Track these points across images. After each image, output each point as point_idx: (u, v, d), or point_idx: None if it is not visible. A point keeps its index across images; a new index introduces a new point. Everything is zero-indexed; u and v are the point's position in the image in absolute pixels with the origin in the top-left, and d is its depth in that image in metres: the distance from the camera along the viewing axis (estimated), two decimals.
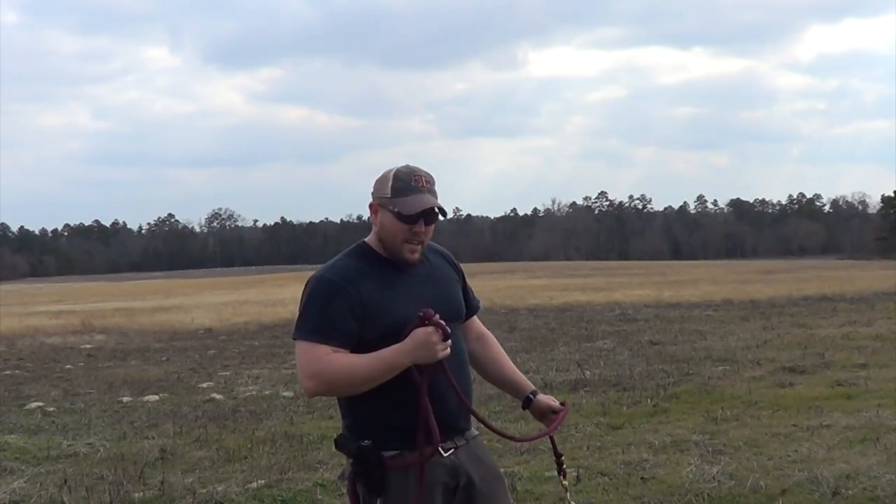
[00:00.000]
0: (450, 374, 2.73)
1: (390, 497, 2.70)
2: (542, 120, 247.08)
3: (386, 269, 2.76)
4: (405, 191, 2.72)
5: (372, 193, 2.79)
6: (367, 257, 2.79)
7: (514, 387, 3.10)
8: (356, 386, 2.67)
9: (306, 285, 2.77)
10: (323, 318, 2.68)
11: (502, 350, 3.14)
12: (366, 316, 2.68)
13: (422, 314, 2.62)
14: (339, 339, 2.66)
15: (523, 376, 3.12)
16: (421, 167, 2.78)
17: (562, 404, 3.05)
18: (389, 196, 2.72)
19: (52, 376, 13.73)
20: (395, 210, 2.71)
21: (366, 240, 2.86)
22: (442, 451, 2.75)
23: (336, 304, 2.67)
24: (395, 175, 2.74)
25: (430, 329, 2.60)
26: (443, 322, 2.62)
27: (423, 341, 2.61)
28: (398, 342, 2.64)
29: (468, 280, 3.07)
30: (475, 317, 3.07)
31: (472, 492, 2.81)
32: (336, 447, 2.82)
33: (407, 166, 2.77)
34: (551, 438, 3.05)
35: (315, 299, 2.71)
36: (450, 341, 2.64)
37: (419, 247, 2.78)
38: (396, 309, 2.69)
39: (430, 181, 2.77)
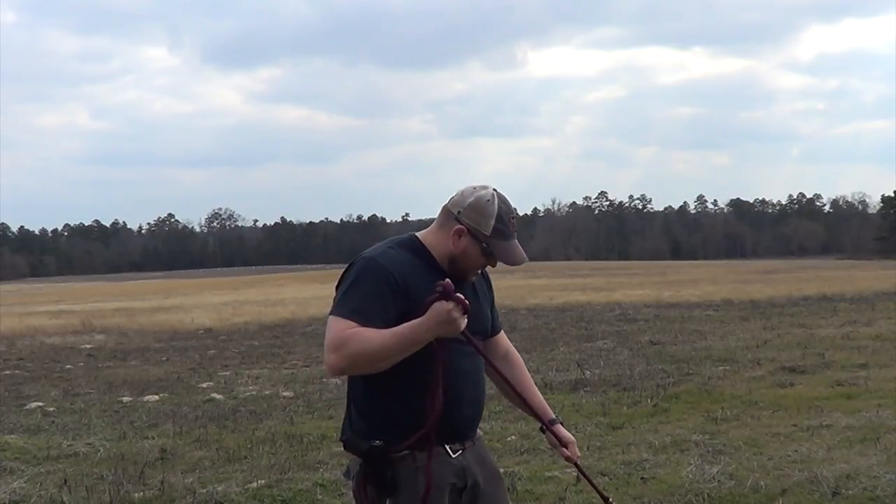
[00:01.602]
0: (476, 344, 2.76)
1: (401, 497, 2.69)
2: (541, 120, 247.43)
3: (435, 273, 2.73)
4: (504, 235, 2.75)
5: (460, 212, 2.75)
6: (420, 255, 2.77)
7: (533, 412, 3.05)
8: (377, 360, 2.61)
9: (353, 265, 2.74)
10: (366, 301, 2.65)
11: (525, 371, 3.12)
12: (406, 311, 2.64)
13: (441, 288, 2.55)
14: (376, 325, 2.62)
15: (544, 402, 3.09)
16: (509, 199, 2.79)
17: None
18: (489, 235, 2.73)
19: (52, 376, 13.73)
20: (489, 250, 2.74)
21: (418, 236, 2.83)
22: (451, 452, 2.77)
23: (382, 292, 2.66)
24: (497, 215, 2.73)
25: (451, 305, 2.54)
26: (461, 296, 2.56)
27: (445, 317, 2.54)
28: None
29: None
30: (502, 333, 3.08)
31: (477, 492, 2.83)
32: (345, 448, 2.80)
33: (504, 202, 2.76)
34: (603, 496, 3.07)
35: (363, 281, 2.69)
36: (467, 317, 2.58)
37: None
38: None
39: (517, 221, 2.81)
